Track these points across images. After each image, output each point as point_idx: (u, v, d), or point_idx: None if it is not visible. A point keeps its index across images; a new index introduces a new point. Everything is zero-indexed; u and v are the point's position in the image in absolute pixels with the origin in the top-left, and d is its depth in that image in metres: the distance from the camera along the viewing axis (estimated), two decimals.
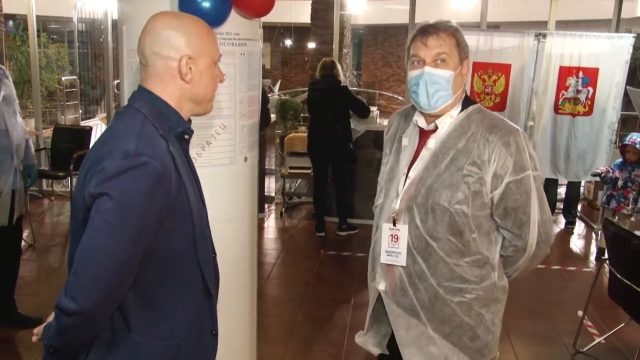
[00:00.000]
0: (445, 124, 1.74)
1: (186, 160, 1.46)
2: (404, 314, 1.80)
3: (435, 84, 1.69)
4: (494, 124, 1.70)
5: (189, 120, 1.48)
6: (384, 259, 1.82)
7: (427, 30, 1.70)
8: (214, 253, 1.58)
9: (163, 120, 1.39)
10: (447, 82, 1.69)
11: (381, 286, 1.87)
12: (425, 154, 1.76)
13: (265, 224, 5.94)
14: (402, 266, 1.78)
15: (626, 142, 4.85)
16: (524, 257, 1.77)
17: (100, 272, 1.25)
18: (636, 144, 4.78)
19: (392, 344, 1.93)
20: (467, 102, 1.77)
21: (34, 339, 1.44)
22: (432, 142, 1.75)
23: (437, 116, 1.75)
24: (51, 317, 1.38)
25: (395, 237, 1.78)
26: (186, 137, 1.46)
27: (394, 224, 1.78)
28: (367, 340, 2.04)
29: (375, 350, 2.04)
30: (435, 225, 1.70)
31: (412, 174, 1.77)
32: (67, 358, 1.38)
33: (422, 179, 1.73)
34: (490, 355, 1.82)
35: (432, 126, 1.77)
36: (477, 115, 1.74)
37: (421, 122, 1.79)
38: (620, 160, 4.95)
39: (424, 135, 1.80)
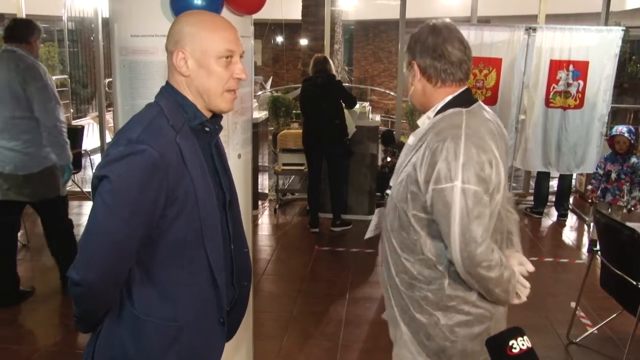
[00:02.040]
0: (425, 124, 1.76)
1: (209, 151, 1.53)
2: (384, 291, 1.89)
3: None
4: (441, 129, 1.65)
5: (216, 116, 1.53)
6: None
7: None
8: (246, 247, 1.70)
9: (179, 112, 1.45)
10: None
11: (379, 260, 1.95)
12: (405, 151, 1.83)
13: (259, 221, 5.94)
14: (381, 246, 1.88)
15: (614, 134, 4.89)
16: (461, 273, 1.65)
17: (97, 249, 1.35)
18: (624, 133, 4.82)
19: None
20: (452, 104, 1.72)
21: None
22: (411, 139, 1.78)
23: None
24: None
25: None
26: (207, 129, 1.51)
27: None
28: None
29: None
30: (393, 218, 1.78)
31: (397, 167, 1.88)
32: (89, 326, 1.51)
33: (396, 173, 1.82)
34: None
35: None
36: (449, 118, 1.69)
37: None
38: (610, 152, 4.98)
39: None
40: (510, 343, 1.50)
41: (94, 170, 1.42)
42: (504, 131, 1.83)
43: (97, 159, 5.98)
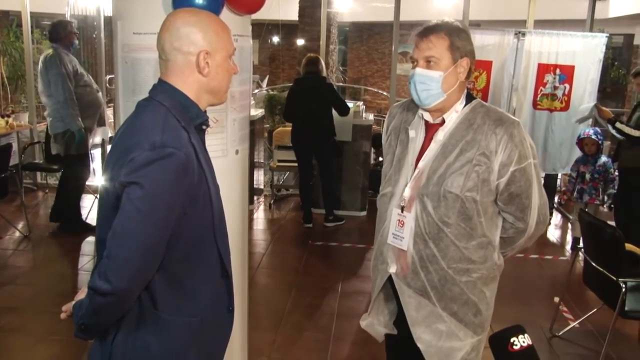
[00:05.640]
0: (452, 118, 1.86)
1: (204, 147, 1.53)
2: (414, 295, 1.92)
3: (422, 83, 1.83)
4: (499, 117, 1.83)
5: (205, 112, 1.55)
6: (390, 240, 1.96)
7: (421, 34, 1.83)
8: (227, 234, 1.66)
9: (184, 112, 1.46)
10: (435, 82, 1.81)
11: (392, 269, 1.96)
12: (434, 146, 1.87)
13: (255, 216, 5.98)
14: (413, 250, 1.89)
15: (582, 137, 5.00)
16: (524, 237, 1.91)
17: (132, 255, 1.33)
18: (591, 135, 4.95)
19: (400, 322, 2.04)
20: (469, 97, 1.89)
21: (63, 315, 1.53)
22: (441, 135, 1.86)
23: (442, 111, 1.87)
24: (80, 296, 1.48)
25: (402, 222, 1.91)
26: (204, 127, 1.54)
27: (402, 211, 1.91)
28: (373, 321, 2.14)
29: (382, 331, 2.13)
30: (447, 212, 1.82)
31: (421, 164, 1.88)
32: (97, 333, 1.47)
33: (432, 169, 1.84)
34: (487, 328, 1.98)
35: (438, 120, 1.88)
36: (481, 109, 1.86)
37: (427, 116, 1.90)
38: (581, 155, 5.09)
39: (430, 128, 1.91)
40: (512, 340, 1.60)
41: (113, 177, 1.38)
42: None
43: (96, 153, 6.06)
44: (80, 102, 4.82)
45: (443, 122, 1.87)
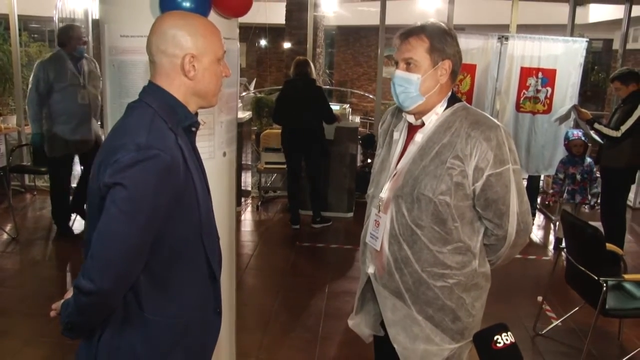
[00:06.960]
0: (432, 120, 1.83)
1: (193, 151, 1.54)
2: (390, 296, 1.91)
3: (400, 85, 1.81)
4: (477, 120, 1.78)
5: (196, 113, 1.55)
6: (367, 239, 1.97)
7: (401, 36, 1.82)
8: (217, 237, 1.65)
9: (172, 114, 1.46)
10: (413, 84, 1.79)
11: (370, 269, 1.97)
12: (412, 148, 1.85)
13: (242, 217, 6.01)
14: (388, 251, 1.87)
15: (571, 139, 5.09)
16: (505, 246, 1.84)
17: (115, 256, 1.33)
18: (581, 136, 5.04)
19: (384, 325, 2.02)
20: (453, 100, 1.85)
21: (53, 313, 1.54)
22: (419, 137, 1.84)
23: (423, 113, 1.84)
24: (69, 295, 1.46)
25: (377, 223, 1.91)
26: (193, 129, 1.54)
27: (379, 211, 1.91)
28: (360, 322, 2.14)
29: (368, 332, 2.13)
30: (420, 214, 1.79)
31: (399, 166, 1.87)
32: (84, 333, 1.47)
33: (409, 171, 1.83)
34: (470, 337, 1.89)
35: (419, 122, 1.86)
36: (462, 112, 1.82)
37: (410, 118, 1.88)
38: (567, 155, 5.18)
39: (412, 130, 1.90)
40: (495, 338, 1.58)
41: (99, 178, 1.39)
42: None
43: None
44: (51, 108, 4.80)
45: (423, 124, 1.86)
